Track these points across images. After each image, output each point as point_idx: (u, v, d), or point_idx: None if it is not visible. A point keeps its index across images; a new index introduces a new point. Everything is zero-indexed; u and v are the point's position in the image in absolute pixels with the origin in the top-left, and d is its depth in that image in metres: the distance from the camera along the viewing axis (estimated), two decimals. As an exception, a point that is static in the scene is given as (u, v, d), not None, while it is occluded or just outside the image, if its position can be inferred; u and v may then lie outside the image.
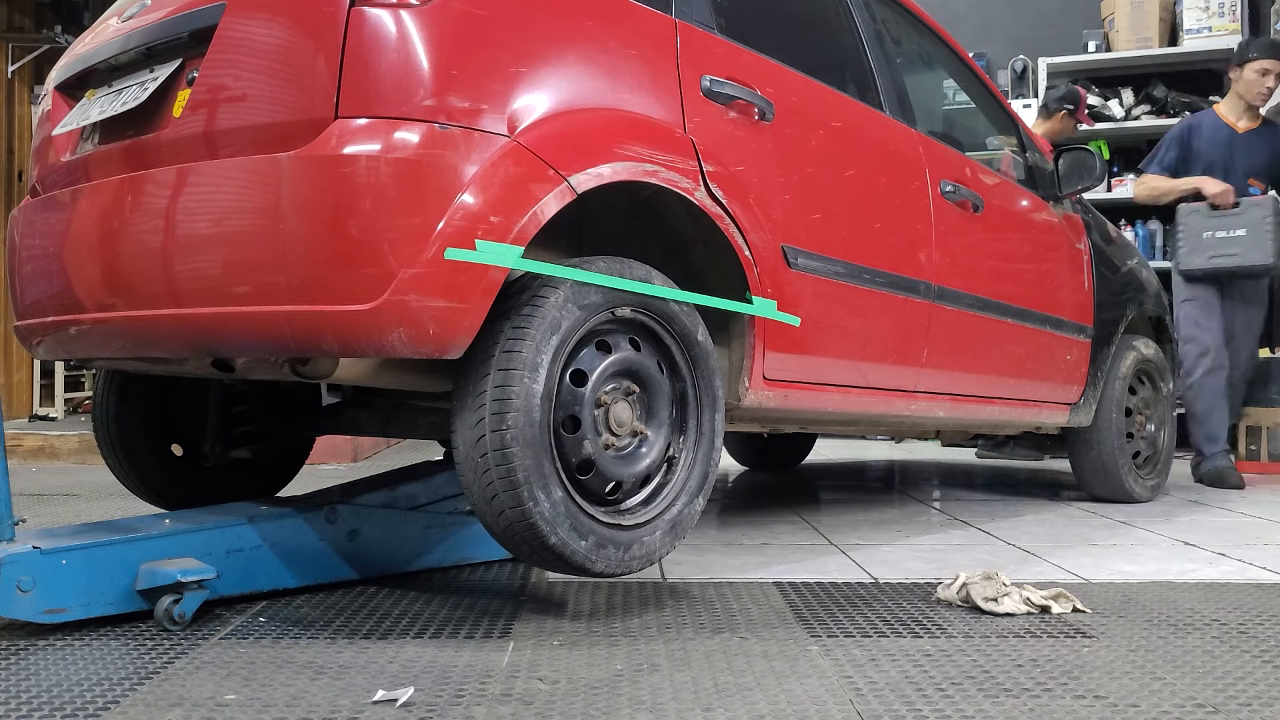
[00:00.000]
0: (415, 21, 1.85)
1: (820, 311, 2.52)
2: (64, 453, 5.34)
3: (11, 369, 6.61)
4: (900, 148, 2.92)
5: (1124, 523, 3.36)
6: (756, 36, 2.53)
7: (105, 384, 2.69)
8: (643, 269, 2.09)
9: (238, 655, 1.81)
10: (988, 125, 3.73)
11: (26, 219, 2.35)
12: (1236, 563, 2.69)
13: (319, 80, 1.83)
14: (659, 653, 1.83)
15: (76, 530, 2.20)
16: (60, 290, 2.21)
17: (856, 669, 1.73)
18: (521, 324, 1.89)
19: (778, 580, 2.41)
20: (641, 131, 2.12)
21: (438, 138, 1.83)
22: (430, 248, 1.78)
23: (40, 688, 1.62)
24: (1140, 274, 4.07)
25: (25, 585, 1.89)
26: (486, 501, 1.89)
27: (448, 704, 1.55)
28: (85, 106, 2.28)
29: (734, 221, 2.25)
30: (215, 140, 1.94)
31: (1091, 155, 3.58)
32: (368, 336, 1.79)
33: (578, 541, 1.93)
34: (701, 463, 2.16)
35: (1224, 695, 1.61)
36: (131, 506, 2.84)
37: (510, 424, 1.85)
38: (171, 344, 2.03)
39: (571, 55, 2.07)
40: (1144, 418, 3.93)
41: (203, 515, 2.27)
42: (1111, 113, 6.21)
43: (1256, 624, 2.05)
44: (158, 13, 2.12)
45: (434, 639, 1.92)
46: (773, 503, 3.88)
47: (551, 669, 1.73)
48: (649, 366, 2.09)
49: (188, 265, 1.93)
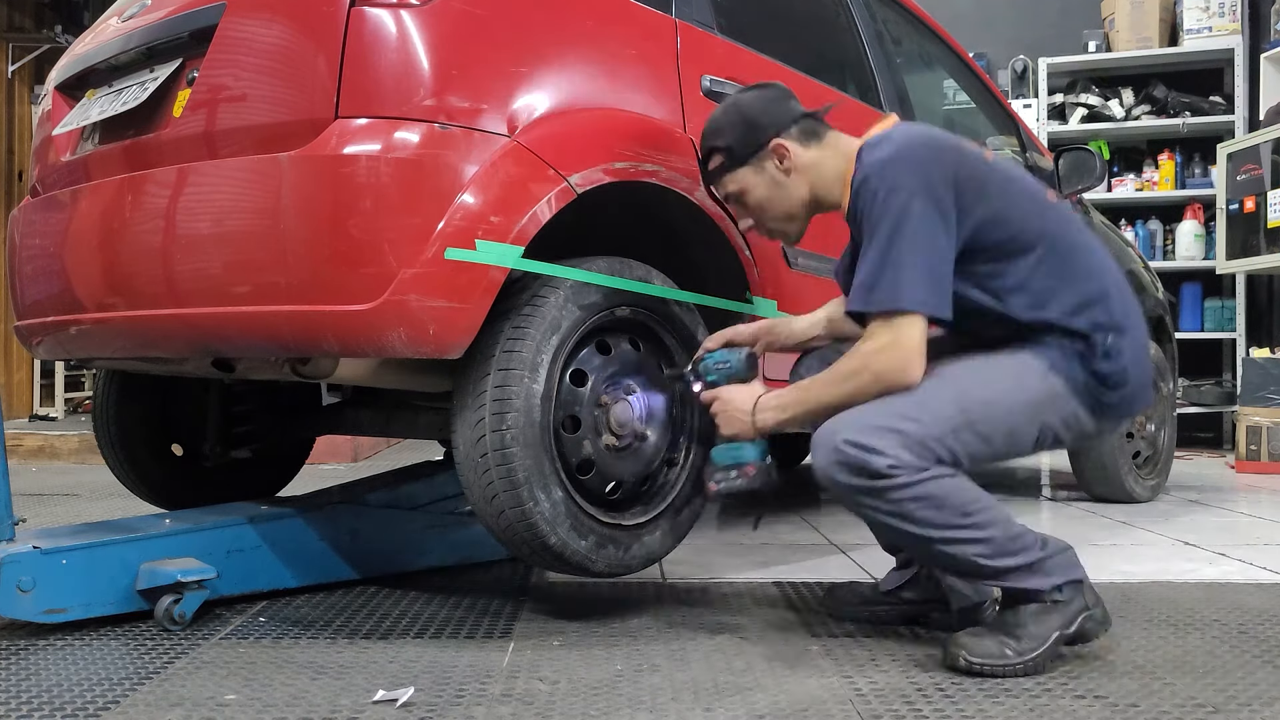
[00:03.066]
0: (415, 21, 1.85)
1: (820, 311, 2.51)
2: (64, 452, 5.34)
3: (11, 369, 6.61)
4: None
5: (1124, 523, 3.36)
6: (757, 36, 2.52)
7: (105, 384, 2.69)
8: (643, 269, 2.09)
9: (238, 655, 1.81)
10: (988, 125, 3.72)
11: (27, 219, 2.35)
12: (1237, 563, 2.69)
13: (319, 80, 1.83)
14: (659, 653, 1.83)
15: (77, 530, 2.20)
16: (60, 290, 2.21)
17: (856, 669, 1.73)
18: (522, 324, 1.89)
19: (778, 580, 2.41)
20: (642, 131, 2.12)
21: (438, 138, 1.83)
22: (430, 248, 1.78)
23: (40, 688, 1.62)
24: (1141, 274, 4.06)
25: (25, 585, 1.89)
26: (487, 501, 1.89)
27: (448, 704, 1.55)
28: (85, 106, 2.28)
29: (734, 221, 2.24)
30: (215, 140, 1.94)
31: (1091, 155, 3.58)
32: (368, 336, 1.79)
33: (578, 541, 1.93)
34: (702, 463, 2.15)
35: (1224, 695, 1.61)
36: (132, 506, 2.84)
37: (510, 424, 1.85)
38: (172, 344, 2.03)
39: (571, 55, 2.07)
40: (1144, 418, 3.93)
41: (203, 515, 2.27)
42: (1111, 113, 6.21)
43: (1256, 624, 2.05)
44: (158, 13, 2.11)
45: (434, 639, 1.92)
46: (773, 503, 3.88)
47: (551, 669, 1.73)
48: (649, 366, 2.09)
49: (188, 265, 1.93)
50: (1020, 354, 1.78)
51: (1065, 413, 1.77)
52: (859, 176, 1.77)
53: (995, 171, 1.81)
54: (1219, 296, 6.17)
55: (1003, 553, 1.71)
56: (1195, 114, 6.10)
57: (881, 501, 1.68)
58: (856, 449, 1.66)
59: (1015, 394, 1.75)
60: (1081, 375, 1.76)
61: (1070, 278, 1.78)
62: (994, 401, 1.73)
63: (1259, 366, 5.03)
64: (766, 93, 1.97)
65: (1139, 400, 1.83)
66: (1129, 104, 6.23)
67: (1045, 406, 1.76)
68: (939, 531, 1.69)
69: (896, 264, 1.69)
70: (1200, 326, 6.13)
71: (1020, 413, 1.75)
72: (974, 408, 1.72)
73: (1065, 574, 1.75)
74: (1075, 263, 1.79)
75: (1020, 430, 1.76)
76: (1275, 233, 5.25)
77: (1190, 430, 6.08)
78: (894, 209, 1.70)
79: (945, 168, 1.73)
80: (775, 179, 1.91)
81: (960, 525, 1.69)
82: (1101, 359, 1.76)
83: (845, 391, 1.74)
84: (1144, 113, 6.21)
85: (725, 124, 1.94)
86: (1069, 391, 1.76)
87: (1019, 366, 1.77)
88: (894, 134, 1.79)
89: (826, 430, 1.71)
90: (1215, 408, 5.94)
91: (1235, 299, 6.03)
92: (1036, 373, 1.76)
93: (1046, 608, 1.73)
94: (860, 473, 1.66)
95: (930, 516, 1.68)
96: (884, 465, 1.65)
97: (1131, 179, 6.27)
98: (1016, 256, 1.77)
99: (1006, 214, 1.77)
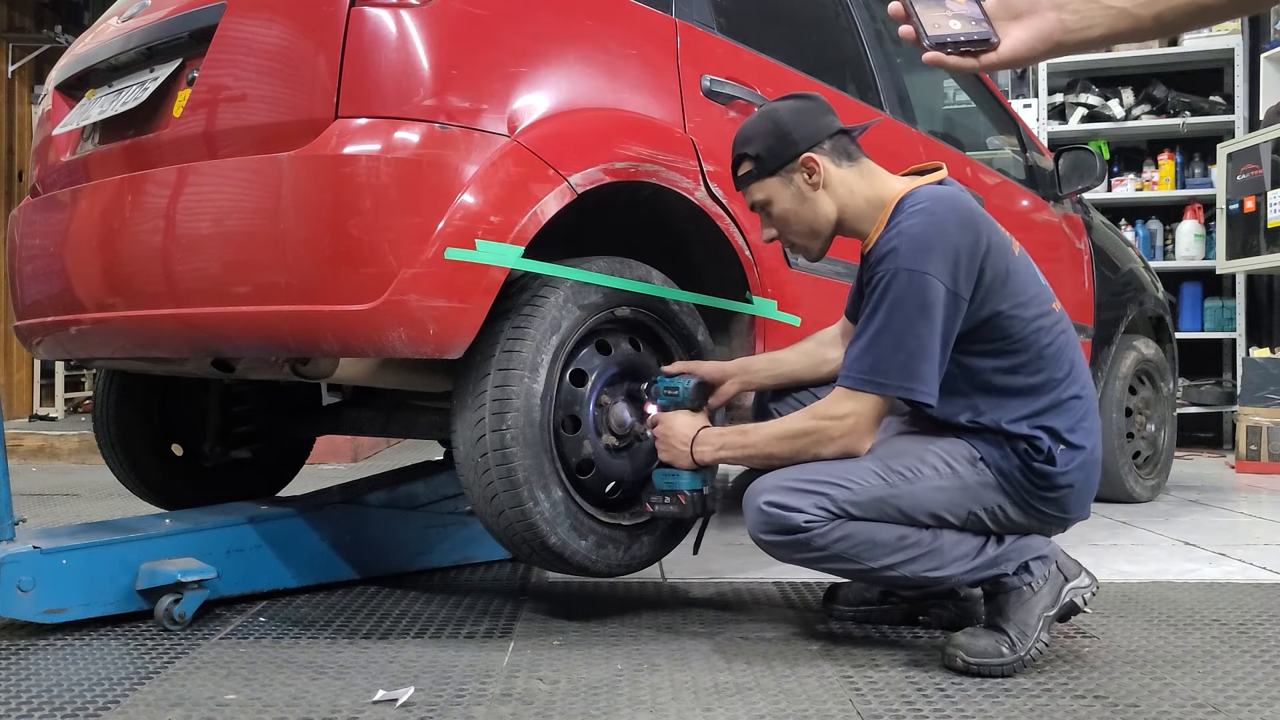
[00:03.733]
0: (415, 21, 1.85)
1: (822, 312, 2.51)
2: (64, 452, 5.34)
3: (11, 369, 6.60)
4: (901, 148, 2.91)
5: (1124, 523, 3.36)
6: (756, 36, 2.52)
7: (105, 384, 2.69)
8: (642, 269, 2.09)
9: (238, 655, 1.81)
10: (988, 125, 3.72)
11: (27, 219, 2.35)
12: (1237, 563, 2.69)
13: (319, 80, 1.83)
14: (659, 653, 1.83)
15: (77, 530, 2.20)
16: (60, 290, 2.21)
17: (856, 669, 1.73)
18: (521, 324, 1.89)
19: (778, 580, 2.41)
20: (642, 131, 2.12)
21: (438, 137, 1.82)
22: (430, 247, 1.78)
23: (40, 688, 1.62)
24: (1141, 274, 4.06)
25: (25, 585, 1.89)
26: (486, 501, 1.89)
27: (448, 704, 1.55)
28: (85, 106, 2.28)
29: (734, 221, 2.25)
30: (215, 140, 1.94)
31: (1092, 155, 3.58)
32: (368, 336, 1.79)
33: (578, 541, 1.93)
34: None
35: (1224, 695, 1.61)
36: (132, 506, 2.84)
37: (510, 424, 1.85)
38: (171, 344, 2.03)
39: (571, 55, 2.07)
40: (1144, 418, 3.93)
41: (203, 515, 2.27)
42: (1111, 113, 6.21)
43: (1257, 624, 2.05)
44: (158, 13, 2.11)
45: (434, 639, 1.92)
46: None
47: (551, 669, 1.73)
48: (649, 366, 2.09)
49: (188, 265, 1.93)
50: (957, 441, 1.78)
51: (990, 504, 1.75)
52: (891, 235, 1.73)
53: (1015, 273, 1.78)
54: (1219, 296, 6.17)
55: (952, 559, 1.73)
56: (1195, 114, 6.10)
57: (810, 551, 1.70)
58: (777, 509, 1.68)
59: (940, 479, 1.74)
60: (1016, 472, 1.75)
61: (1038, 389, 1.76)
62: (920, 481, 1.73)
63: (1259, 366, 5.03)
64: (803, 104, 1.92)
65: (1075, 512, 1.81)
66: (1129, 104, 6.23)
67: (971, 494, 1.75)
68: (880, 560, 1.71)
69: (896, 345, 1.68)
70: (1200, 326, 6.13)
71: (945, 495, 1.74)
72: (899, 484, 1.72)
73: (1025, 554, 1.75)
74: (1054, 373, 1.77)
75: (945, 513, 1.74)
76: (1275, 233, 5.25)
77: (1190, 430, 6.08)
78: (912, 290, 1.67)
79: (975, 258, 1.71)
80: (803, 193, 1.86)
81: (899, 549, 1.71)
82: (1044, 461, 1.74)
83: (790, 449, 1.76)
84: (1144, 112, 6.21)
85: (757, 132, 1.89)
86: (998, 484, 1.75)
87: (951, 451, 1.76)
88: (937, 205, 1.74)
89: (752, 493, 1.73)
90: (1215, 408, 5.94)
91: (1235, 299, 6.03)
92: (966, 459, 1.76)
93: (1024, 593, 1.73)
94: (781, 530, 1.69)
95: (862, 552, 1.70)
96: (801, 520, 1.67)
97: (1131, 179, 6.27)
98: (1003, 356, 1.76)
99: (1008, 319, 1.75)
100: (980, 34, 1.13)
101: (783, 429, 1.79)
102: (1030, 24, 1.13)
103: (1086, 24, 1.11)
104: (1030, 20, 1.13)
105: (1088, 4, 1.11)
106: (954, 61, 1.15)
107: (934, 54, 1.15)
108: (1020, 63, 1.16)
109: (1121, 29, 1.12)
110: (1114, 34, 1.12)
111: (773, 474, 1.74)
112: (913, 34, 1.15)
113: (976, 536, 1.75)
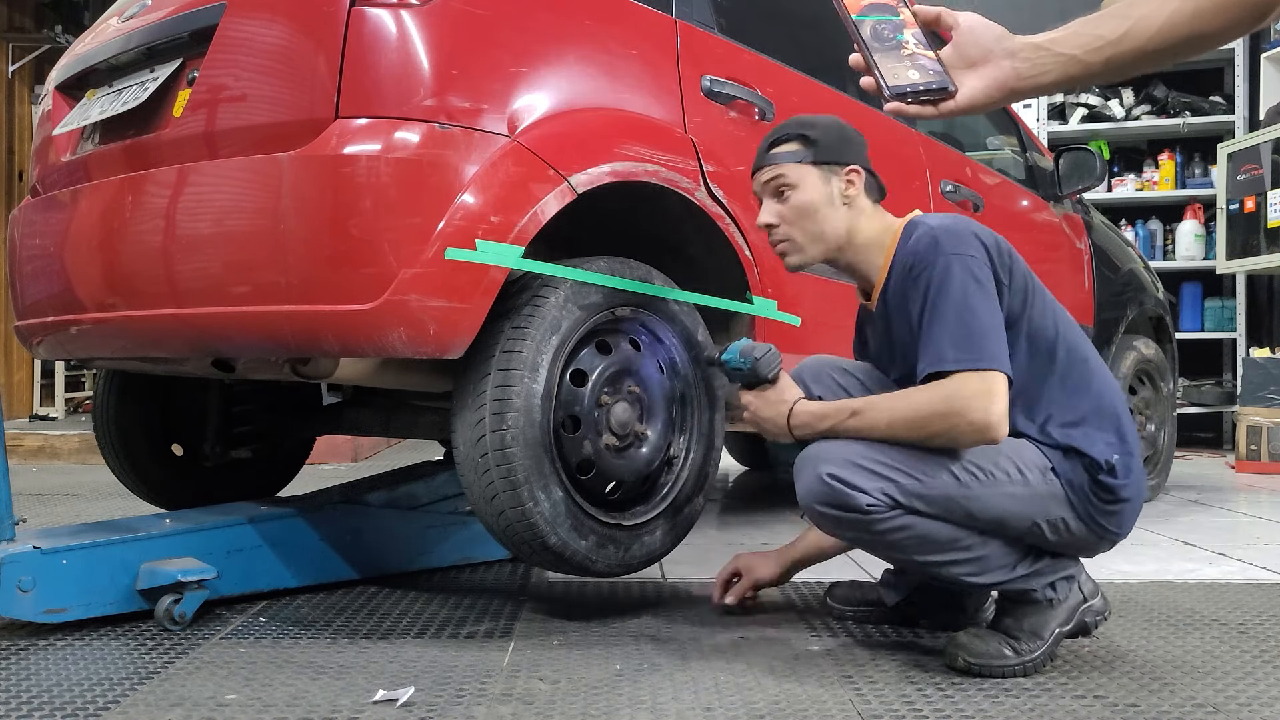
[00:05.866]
0: (415, 21, 1.85)
1: (822, 312, 2.52)
2: (64, 453, 5.34)
3: (11, 369, 6.61)
4: (901, 148, 2.92)
5: (1124, 523, 3.35)
6: (756, 36, 2.52)
7: (105, 384, 2.69)
8: (642, 269, 2.09)
9: (238, 655, 1.81)
10: (988, 125, 3.73)
11: (27, 219, 2.35)
12: (1237, 563, 2.69)
13: (319, 80, 1.83)
14: (659, 653, 1.83)
15: (77, 530, 2.20)
16: (60, 290, 2.21)
17: (856, 668, 1.73)
18: (522, 324, 1.89)
19: (778, 580, 2.41)
20: (642, 131, 2.12)
21: (438, 137, 1.83)
22: (430, 247, 1.78)
23: (40, 688, 1.62)
24: (1141, 274, 4.06)
25: (25, 585, 1.89)
26: (486, 501, 1.89)
27: (448, 704, 1.55)
28: (85, 106, 2.28)
29: (734, 221, 2.25)
30: (215, 140, 1.94)
31: (1092, 155, 3.58)
32: (368, 336, 1.79)
33: (578, 541, 1.93)
34: (701, 462, 2.15)
35: (1224, 695, 1.61)
36: (132, 506, 2.84)
37: (510, 424, 1.85)
38: (172, 344, 2.03)
39: (571, 55, 2.07)
40: (1144, 418, 3.93)
41: (203, 515, 2.27)
42: (1111, 113, 6.21)
43: (1256, 624, 2.05)
44: (158, 13, 2.11)
45: (434, 639, 1.92)
46: (773, 503, 3.88)
47: (552, 669, 1.73)
48: (649, 366, 2.09)
49: (188, 265, 1.93)
50: (1026, 445, 1.74)
51: (1055, 516, 1.71)
52: (919, 237, 1.74)
53: (1038, 282, 1.79)
54: (1219, 296, 6.17)
55: (992, 568, 1.72)
56: (1195, 114, 6.10)
57: (862, 533, 1.68)
58: (841, 485, 1.63)
59: (1013, 485, 1.69)
60: (1085, 483, 1.72)
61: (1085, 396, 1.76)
62: (993, 485, 1.68)
63: (1259, 366, 5.03)
64: (860, 135, 1.94)
65: (1126, 529, 1.78)
66: (1129, 104, 6.24)
67: (1039, 505, 1.70)
68: (926, 556, 1.69)
69: (980, 329, 1.64)
70: (1200, 326, 6.13)
71: (1016, 504, 1.69)
72: (973, 485, 1.66)
73: (1056, 572, 1.75)
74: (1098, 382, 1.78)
75: (1010, 521, 1.70)
76: (1275, 233, 5.25)
77: (1190, 430, 6.09)
78: (966, 272, 1.67)
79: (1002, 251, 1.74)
80: (833, 198, 1.86)
81: (948, 549, 1.69)
82: (1108, 473, 1.72)
83: (920, 434, 1.66)
84: (1144, 112, 6.22)
85: (823, 124, 1.90)
86: (1065, 497, 1.72)
87: (1023, 456, 1.72)
88: (948, 217, 1.78)
89: (811, 459, 1.67)
90: (1215, 408, 5.95)
91: (1235, 299, 6.03)
92: (1038, 468, 1.72)
93: (1043, 606, 1.73)
94: (840, 506, 1.64)
95: (912, 546, 1.68)
96: (864, 503, 1.63)
97: (1131, 179, 6.27)
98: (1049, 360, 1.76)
99: (1043, 324, 1.75)
100: (938, 83, 1.17)
101: (910, 410, 1.66)
102: (985, 72, 1.16)
103: (1039, 71, 1.15)
104: (984, 69, 1.16)
105: (1039, 52, 1.14)
106: (914, 110, 1.19)
107: (895, 104, 1.18)
108: (978, 109, 1.19)
109: (1074, 74, 1.15)
110: (1067, 79, 1.16)
111: (835, 444, 1.68)
112: (874, 85, 1.19)
113: (1019, 549, 1.73)
